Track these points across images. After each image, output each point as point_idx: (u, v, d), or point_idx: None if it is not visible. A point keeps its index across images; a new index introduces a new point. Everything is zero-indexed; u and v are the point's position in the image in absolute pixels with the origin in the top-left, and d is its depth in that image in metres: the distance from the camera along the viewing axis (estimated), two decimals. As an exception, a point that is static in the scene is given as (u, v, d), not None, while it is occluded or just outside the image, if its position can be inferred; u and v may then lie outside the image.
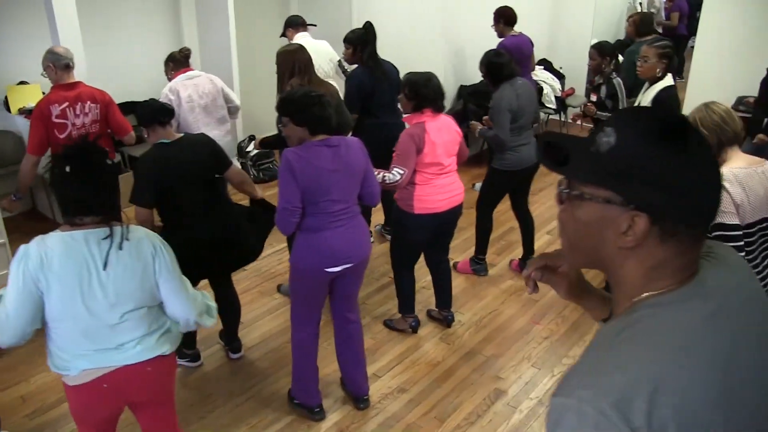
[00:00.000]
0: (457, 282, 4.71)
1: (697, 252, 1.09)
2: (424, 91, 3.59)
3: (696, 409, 0.96)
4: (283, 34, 5.55)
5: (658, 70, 4.10)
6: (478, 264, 4.84)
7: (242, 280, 4.71)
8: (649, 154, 1.01)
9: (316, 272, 3.09)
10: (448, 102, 6.99)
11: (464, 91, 7.09)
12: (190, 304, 2.44)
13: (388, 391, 3.62)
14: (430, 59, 6.67)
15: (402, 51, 6.09)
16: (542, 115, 7.73)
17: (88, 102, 4.23)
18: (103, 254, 2.21)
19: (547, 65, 8.51)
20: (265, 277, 4.77)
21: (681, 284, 1.06)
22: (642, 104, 4.15)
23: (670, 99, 4.02)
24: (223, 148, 3.94)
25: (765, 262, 2.75)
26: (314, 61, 5.14)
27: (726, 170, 2.64)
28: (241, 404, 3.52)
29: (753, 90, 7.13)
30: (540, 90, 7.90)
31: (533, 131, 4.62)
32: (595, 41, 8.38)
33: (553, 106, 7.69)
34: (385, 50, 4.94)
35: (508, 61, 4.43)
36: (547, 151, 1.13)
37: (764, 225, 2.71)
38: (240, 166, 5.62)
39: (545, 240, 5.53)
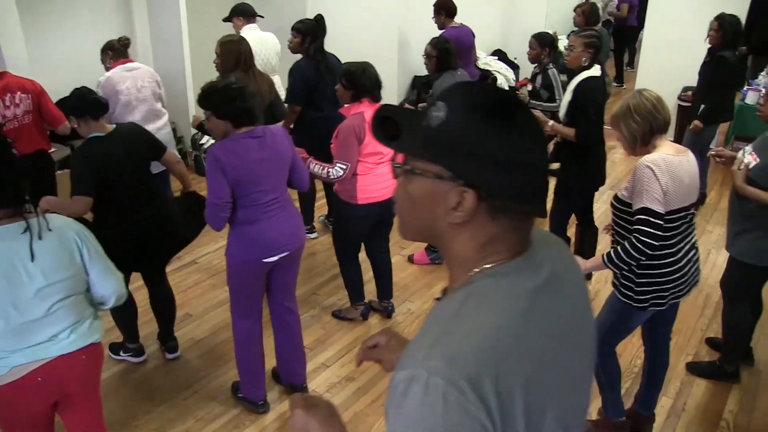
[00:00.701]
0: (410, 271, 4.74)
1: (529, 228, 1.11)
2: (361, 80, 3.58)
3: (539, 372, 1.01)
4: (228, 20, 5.38)
5: (584, 59, 4.10)
6: (435, 252, 4.85)
7: (193, 272, 4.68)
8: (476, 129, 1.00)
9: (254, 264, 3.07)
10: (402, 92, 7.05)
11: (418, 82, 7.11)
12: (117, 277, 2.49)
13: (336, 381, 3.63)
14: (385, 50, 6.68)
15: (356, 42, 6.09)
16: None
17: (18, 92, 4.11)
18: (27, 247, 2.17)
19: (501, 56, 8.59)
20: (216, 270, 4.73)
21: (514, 256, 1.08)
22: (566, 93, 4.20)
23: (590, 90, 4.05)
24: (162, 140, 3.88)
25: (686, 248, 2.83)
26: (263, 54, 5.15)
27: (657, 157, 2.68)
28: (188, 398, 3.50)
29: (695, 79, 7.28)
30: (494, 80, 7.97)
31: None
32: (549, 31, 8.52)
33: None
34: (339, 41, 4.94)
35: (455, 51, 4.48)
36: (383, 125, 1.10)
37: (685, 214, 2.78)
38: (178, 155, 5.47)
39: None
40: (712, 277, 4.42)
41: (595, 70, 4.12)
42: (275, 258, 3.07)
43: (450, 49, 4.48)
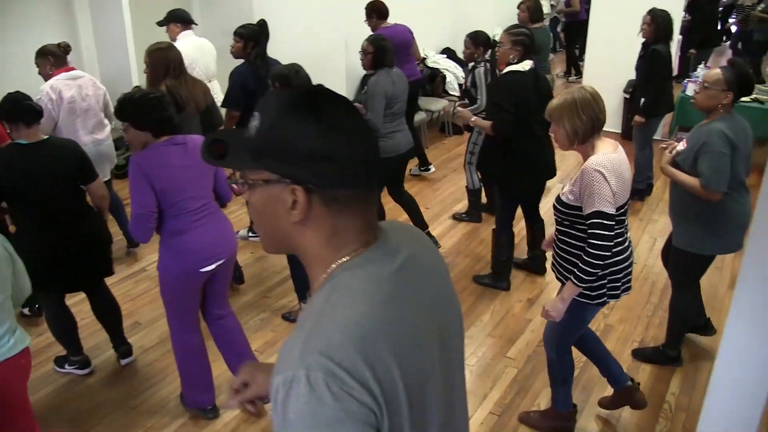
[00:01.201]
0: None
1: (372, 212, 1.13)
2: (295, 82, 3.57)
3: (411, 352, 1.05)
4: (164, 24, 5.26)
5: (512, 56, 4.13)
6: None
7: (142, 280, 4.63)
8: (289, 129, 1.03)
9: (190, 275, 3.01)
10: (350, 95, 7.05)
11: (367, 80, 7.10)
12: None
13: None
14: (332, 52, 6.68)
15: (303, 45, 6.08)
16: (446, 103, 7.84)
17: None
18: None
19: (450, 54, 8.65)
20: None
21: (367, 246, 1.11)
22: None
23: (504, 83, 4.10)
24: (104, 152, 3.83)
25: (629, 238, 2.89)
26: (203, 61, 5.11)
27: (603, 159, 2.69)
28: (137, 407, 3.45)
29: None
30: (443, 78, 8.04)
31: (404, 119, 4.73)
32: (500, 31, 8.60)
33: (457, 94, 7.80)
34: (286, 45, 4.90)
35: (391, 49, 4.53)
36: (213, 149, 1.13)
37: (626, 206, 2.83)
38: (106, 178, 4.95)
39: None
40: (658, 264, 4.51)
41: (522, 65, 4.13)
42: (213, 266, 3.03)
43: (386, 47, 4.51)
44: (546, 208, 5.01)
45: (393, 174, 4.82)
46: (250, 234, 5.18)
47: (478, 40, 5.13)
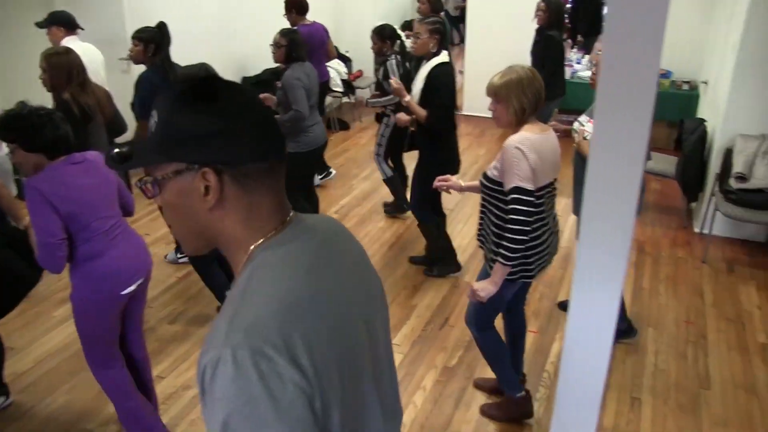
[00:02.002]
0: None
1: (282, 190, 1.15)
2: None
3: (338, 324, 1.08)
4: (43, 26, 4.90)
5: (431, 45, 4.16)
6: None
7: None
8: (186, 114, 1.05)
9: (112, 301, 2.79)
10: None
11: (248, 83, 7.03)
12: None
13: (173, 391, 3.53)
14: (210, 54, 6.54)
15: (179, 48, 5.91)
16: (330, 99, 7.84)
17: None
18: None
19: (333, 50, 8.65)
20: (40, 297, 4.45)
21: (283, 226, 1.13)
22: (417, 81, 4.25)
23: (442, 75, 4.14)
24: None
25: (549, 220, 2.92)
26: (92, 67, 4.80)
27: (521, 137, 2.73)
28: (11, 434, 3.28)
29: (524, 59, 7.68)
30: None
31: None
32: (380, 23, 8.68)
33: (341, 89, 7.82)
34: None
35: (303, 42, 4.53)
36: (116, 156, 1.14)
37: (549, 189, 2.87)
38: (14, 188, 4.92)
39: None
40: (563, 239, 4.69)
41: (444, 56, 4.17)
42: (134, 287, 2.82)
43: (298, 40, 4.49)
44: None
45: (309, 169, 4.79)
46: (179, 255, 4.91)
47: (383, 34, 5.15)
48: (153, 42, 4.32)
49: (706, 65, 6.70)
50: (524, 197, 2.67)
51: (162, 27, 4.40)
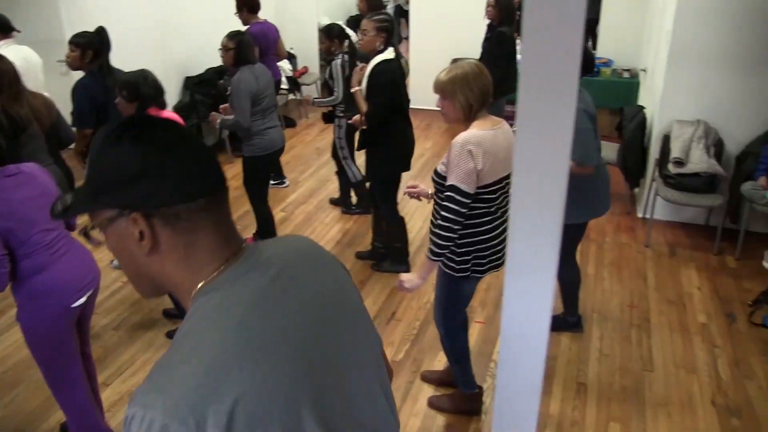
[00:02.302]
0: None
1: (228, 225, 1.10)
2: (144, 89, 3.38)
3: (283, 373, 0.98)
4: None
5: (378, 43, 4.15)
6: None
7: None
8: (109, 158, 1.02)
9: (63, 316, 2.67)
10: (174, 96, 6.83)
11: (190, 83, 6.91)
12: None
13: (118, 398, 3.46)
14: (151, 55, 6.42)
15: (119, 50, 5.78)
16: (277, 97, 7.76)
17: None
18: None
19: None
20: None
21: (228, 263, 1.07)
22: (364, 78, 4.23)
23: (382, 73, 4.12)
24: None
25: (503, 217, 2.87)
26: (31, 73, 4.66)
27: (471, 135, 2.68)
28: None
29: (468, 52, 7.73)
30: (271, 72, 7.94)
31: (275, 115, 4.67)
32: (326, 20, 8.63)
33: (286, 87, 7.75)
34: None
35: (252, 44, 4.43)
36: (62, 209, 1.10)
37: (504, 184, 2.82)
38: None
39: (280, 216, 5.60)
40: None
41: (389, 53, 4.15)
42: (84, 299, 2.72)
43: (248, 42, 4.36)
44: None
45: (264, 173, 4.72)
46: None
47: (331, 33, 5.09)
48: (91, 48, 4.16)
49: (644, 53, 6.84)
50: (459, 197, 2.67)
51: (101, 32, 4.24)
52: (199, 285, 1.05)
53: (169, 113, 3.53)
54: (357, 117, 4.47)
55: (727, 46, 4.70)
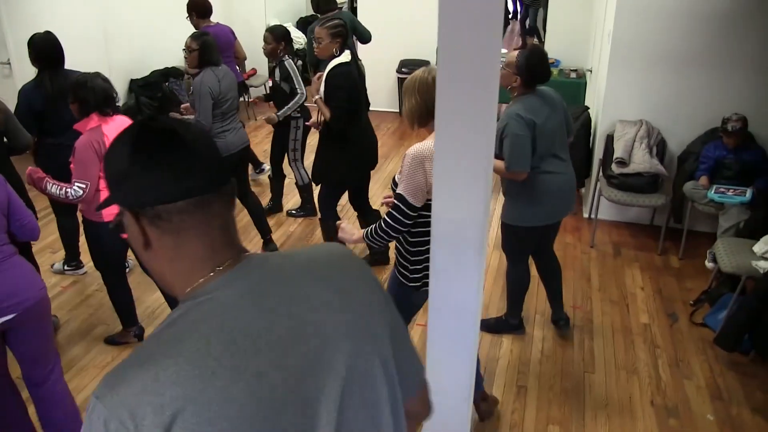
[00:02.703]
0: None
1: (224, 230, 1.08)
2: (82, 93, 3.27)
3: (234, 399, 0.95)
4: None
5: (334, 49, 4.14)
6: None
7: None
8: (110, 158, 1.06)
9: None
10: (119, 98, 6.66)
11: (134, 85, 6.76)
12: None
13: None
14: (95, 58, 6.25)
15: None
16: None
17: None
18: None
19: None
20: None
21: (223, 271, 1.06)
22: (321, 85, 4.20)
23: (337, 76, 4.09)
24: None
25: None
26: None
27: (425, 147, 2.61)
28: None
29: (416, 54, 7.72)
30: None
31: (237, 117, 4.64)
32: (275, 21, 8.51)
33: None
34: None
35: (216, 45, 4.41)
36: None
37: None
38: None
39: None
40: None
41: (345, 56, 4.13)
42: (3, 320, 2.55)
43: (211, 43, 4.35)
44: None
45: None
46: (66, 267, 4.64)
47: (278, 34, 4.99)
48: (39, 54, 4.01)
49: (590, 53, 6.88)
50: (404, 208, 2.65)
51: (52, 41, 4.06)
52: (188, 290, 1.06)
53: (120, 117, 3.38)
54: (314, 119, 4.47)
55: (668, 46, 4.74)
